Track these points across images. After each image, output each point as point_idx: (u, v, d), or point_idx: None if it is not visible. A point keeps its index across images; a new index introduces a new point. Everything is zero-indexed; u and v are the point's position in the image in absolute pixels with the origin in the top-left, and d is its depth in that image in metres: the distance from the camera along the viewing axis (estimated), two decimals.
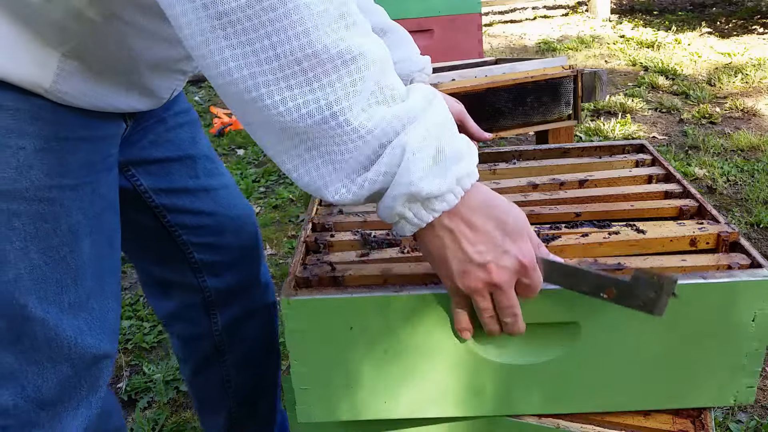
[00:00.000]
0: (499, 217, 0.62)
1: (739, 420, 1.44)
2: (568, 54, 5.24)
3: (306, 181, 0.59)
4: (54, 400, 0.78)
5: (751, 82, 4.04)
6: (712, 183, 2.74)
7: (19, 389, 0.75)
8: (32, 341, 0.74)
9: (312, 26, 0.51)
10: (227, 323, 1.09)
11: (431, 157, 0.56)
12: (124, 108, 0.79)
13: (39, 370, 0.76)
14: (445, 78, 2.08)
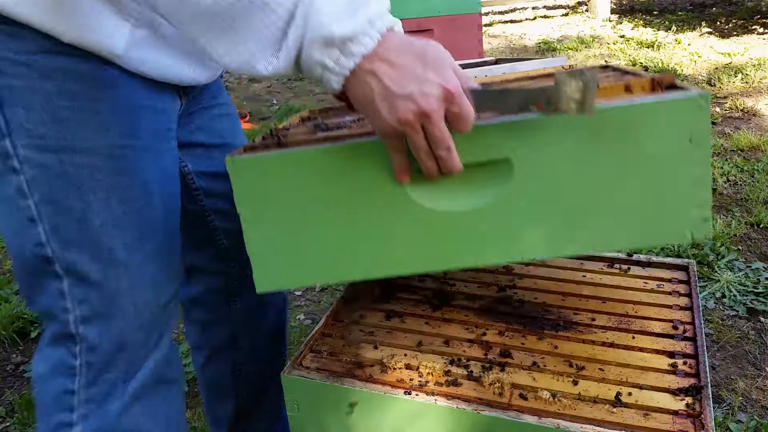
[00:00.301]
0: (417, 51, 0.65)
1: (739, 420, 1.44)
2: (568, 54, 5.24)
3: (238, 62, 0.65)
4: (132, 343, 0.85)
5: (751, 82, 4.04)
6: (712, 183, 2.74)
7: (104, 329, 0.82)
8: (117, 284, 0.82)
9: None
10: (245, 311, 1.14)
11: (341, 2, 0.62)
12: (186, 79, 0.88)
13: (123, 314, 0.83)
14: None
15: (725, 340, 1.73)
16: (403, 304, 1.20)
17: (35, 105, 0.75)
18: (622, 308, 1.13)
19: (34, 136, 0.76)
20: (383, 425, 0.95)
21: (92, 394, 0.83)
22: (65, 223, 0.79)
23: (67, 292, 0.81)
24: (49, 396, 0.84)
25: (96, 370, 0.83)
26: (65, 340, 0.83)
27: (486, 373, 0.96)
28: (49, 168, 0.77)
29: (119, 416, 0.85)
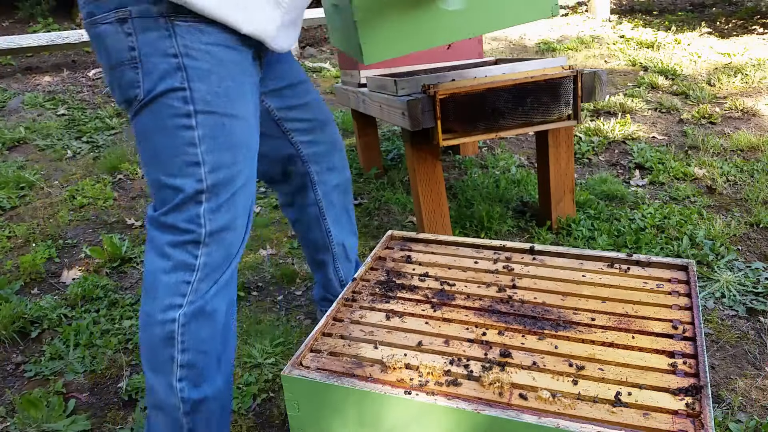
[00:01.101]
0: None
1: (738, 420, 1.44)
2: (568, 54, 5.24)
3: None
4: (234, 252, 1.21)
5: (751, 82, 4.05)
6: (712, 183, 2.74)
7: (221, 241, 1.17)
8: (237, 209, 1.17)
9: None
10: (324, 194, 1.61)
11: None
12: (286, 48, 1.23)
13: (236, 230, 1.19)
14: (445, 78, 2.08)
15: (725, 339, 1.73)
16: (404, 304, 1.20)
17: (212, 81, 1.08)
18: (622, 308, 1.13)
19: (209, 104, 1.08)
20: (383, 425, 0.95)
21: (201, 286, 1.16)
22: (220, 167, 1.12)
23: (204, 213, 1.13)
24: (168, 284, 1.14)
25: (209, 269, 1.16)
26: (191, 246, 1.14)
27: (486, 372, 0.96)
28: (216, 128, 1.10)
29: (214, 298, 1.18)
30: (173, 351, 1.15)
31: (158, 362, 1.16)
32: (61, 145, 3.72)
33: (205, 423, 1.20)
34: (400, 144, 3.66)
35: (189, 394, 1.17)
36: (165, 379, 1.16)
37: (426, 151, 2.13)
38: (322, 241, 1.67)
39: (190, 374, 1.17)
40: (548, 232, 2.37)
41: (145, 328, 1.17)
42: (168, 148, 1.09)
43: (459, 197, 2.75)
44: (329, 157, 1.58)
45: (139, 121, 1.10)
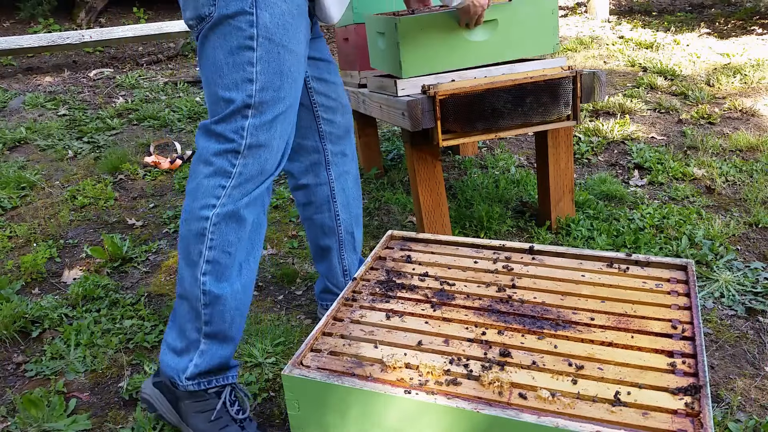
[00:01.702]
0: None
1: (738, 419, 1.44)
2: (567, 55, 5.25)
3: None
4: (268, 168, 1.34)
5: (750, 82, 4.05)
6: (711, 183, 2.75)
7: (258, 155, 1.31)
8: (279, 128, 1.32)
9: None
10: (336, 176, 1.69)
11: None
12: (335, 20, 1.44)
13: (272, 148, 1.32)
14: (444, 78, 2.08)
15: (724, 339, 1.73)
16: (404, 303, 1.21)
17: (275, 13, 1.23)
18: (621, 308, 1.13)
19: (269, 31, 1.24)
20: (383, 424, 0.95)
21: (234, 192, 1.30)
22: (269, 88, 1.27)
23: (248, 127, 1.27)
24: (207, 186, 1.29)
25: (243, 179, 1.30)
26: (231, 155, 1.28)
27: (485, 372, 0.96)
28: (271, 53, 1.25)
29: (244, 208, 1.32)
30: (202, 246, 1.30)
31: (189, 254, 1.32)
32: (62, 146, 3.72)
33: (221, 316, 1.34)
34: (400, 144, 3.67)
35: (210, 287, 1.31)
36: (192, 271, 1.32)
37: (426, 152, 2.13)
38: (329, 224, 1.72)
39: (214, 270, 1.31)
40: (548, 232, 2.38)
41: (184, 223, 1.33)
42: (229, 65, 1.24)
43: (459, 197, 2.75)
44: (344, 142, 1.68)
45: (206, 38, 1.25)
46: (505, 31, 2.09)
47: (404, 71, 2.02)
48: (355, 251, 1.80)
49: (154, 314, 2.07)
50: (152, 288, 2.25)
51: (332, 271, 1.79)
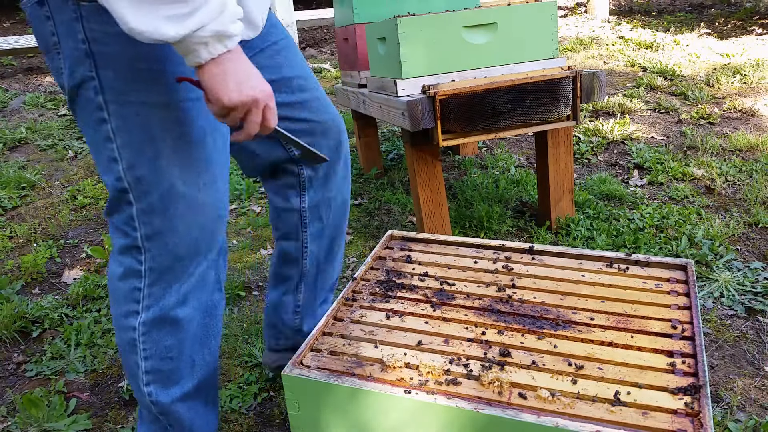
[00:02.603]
0: (251, 64, 0.94)
1: (737, 419, 1.44)
2: (567, 55, 5.25)
3: (149, 30, 0.82)
4: (185, 255, 1.09)
5: (750, 82, 4.05)
6: (711, 183, 2.75)
7: (163, 244, 1.06)
8: (175, 210, 1.04)
9: None
10: (312, 203, 1.42)
11: (233, 12, 0.87)
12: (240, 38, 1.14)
13: (178, 234, 1.06)
14: (444, 78, 2.08)
15: (724, 339, 1.73)
16: (404, 303, 1.21)
17: (121, 67, 0.95)
18: (621, 308, 1.14)
19: (120, 93, 0.97)
20: (383, 424, 0.95)
21: (154, 292, 1.09)
22: (138, 164, 1.01)
23: (136, 215, 1.04)
24: (123, 291, 1.11)
25: (157, 274, 1.08)
26: (134, 251, 1.08)
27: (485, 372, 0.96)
28: (129, 119, 0.98)
29: (175, 308, 1.11)
30: (137, 357, 1.13)
31: (128, 363, 1.16)
32: (62, 146, 3.72)
33: (182, 422, 1.20)
34: (400, 144, 3.67)
35: (157, 397, 1.16)
36: (135, 382, 1.16)
37: (426, 152, 2.13)
38: (294, 254, 1.47)
39: (156, 378, 1.15)
40: (547, 231, 2.38)
41: (115, 330, 1.16)
42: (93, 143, 1.03)
43: (459, 197, 2.75)
44: (329, 163, 1.40)
45: (74, 111, 1.04)
46: (504, 34, 2.10)
47: (404, 72, 2.02)
48: (318, 288, 1.53)
49: None
50: None
51: (281, 305, 1.52)
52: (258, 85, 0.94)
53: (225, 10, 0.85)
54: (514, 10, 2.07)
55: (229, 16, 0.86)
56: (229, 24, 0.86)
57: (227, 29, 0.86)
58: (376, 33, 2.20)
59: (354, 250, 2.46)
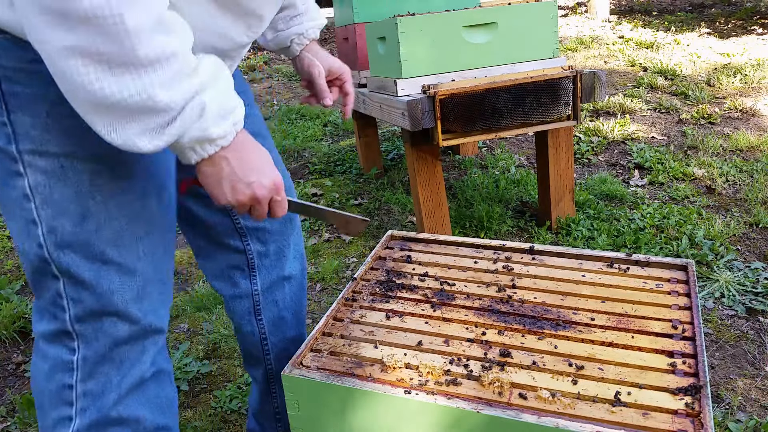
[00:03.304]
0: (255, 149, 0.84)
1: (738, 419, 1.44)
2: (568, 55, 5.24)
3: (119, 142, 0.71)
4: (125, 338, 0.90)
5: (750, 82, 4.05)
6: (711, 183, 2.75)
7: (99, 327, 0.87)
8: (110, 285, 0.86)
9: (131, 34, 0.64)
10: (265, 285, 1.22)
11: (217, 111, 0.75)
12: None
13: (116, 313, 0.88)
14: (444, 78, 2.08)
15: (724, 339, 1.73)
16: (404, 303, 1.20)
17: (40, 112, 0.78)
18: (621, 308, 1.13)
19: (38, 142, 0.79)
20: (383, 424, 0.95)
21: (89, 387, 0.88)
22: (62, 226, 0.82)
23: (64, 292, 0.85)
24: (50, 393, 0.89)
25: (92, 364, 0.88)
26: (63, 337, 0.87)
27: (486, 372, 0.96)
28: (51, 173, 0.80)
29: (115, 407, 0.90)
30: None
31: None
32: None
33: None
34: (400, 144, 3.67)
35: None
36: None
37: (426, 151, 2.13)
38: (255, 352, 1.27)
39: None
40: (548, 231, 2.38)
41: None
42: (5, 203, 0.84)
43: (459, 197, 2.75)
44: (283, 237, 1.21)
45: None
46: (505, 34, 2.09)
47: (404, 71, 2.01)
48: None
49: None
50: None
51: (262, 410, 1.33)
52: (259, 180, 0.83)
53: (204, 111, 0.73)
54: (514, 9, 2.07)
55: (212, 117, 0.74)
56: (213, 126, 0.75)
57: (210, 133, 0.75)
58: (376, 33, 2.20)
59: (354, 250, 2.46)
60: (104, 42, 0.64)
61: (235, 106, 0.79)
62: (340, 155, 3.58)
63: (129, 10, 0.63)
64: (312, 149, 3.75)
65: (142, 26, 0.65)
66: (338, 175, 3.30)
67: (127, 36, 0.64)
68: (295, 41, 1.18)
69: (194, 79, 0.72)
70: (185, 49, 0.71)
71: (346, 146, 3.76)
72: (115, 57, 0.65)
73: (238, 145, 0.80)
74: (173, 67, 0.69)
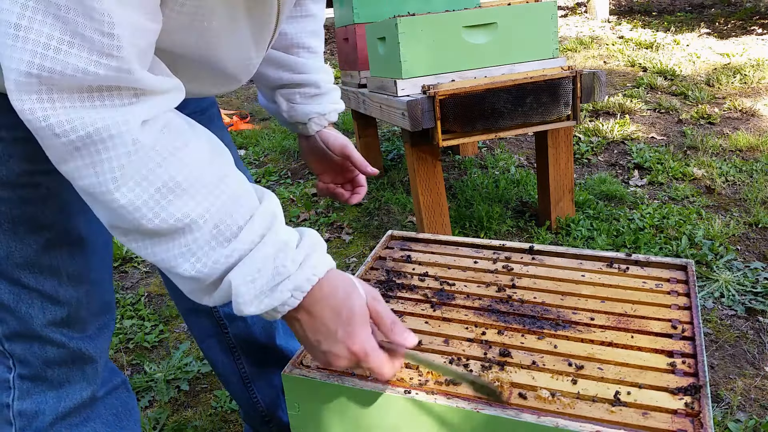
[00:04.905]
0: (335, 307, 0.72)
1: (738, 419, 1.44)
2: (567, 55, 5.24)
3: None
4: (58, 359, 0.86)
5: (750, 82, 4.05)
6: (711, 183, 2.75)
7: (27, 346, 0.84)
8: (28, 309, 0.82)
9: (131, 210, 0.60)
10: (241, 338, 1.21)
11: (258, 287, 0.66)
12: None
13: (38, 335, 0.84)
14: (444, 78, 2.08)
15: (724, 339, 1.73)
16: (403, 303, 1.21)
17: None
18: (621, 308, 1.13)
19: None
20: (383, 424, 0.95)
21: (24, 407, 0.86)
22: None
23: None
24: None
25: (29, 384, 0.85)
26: (1, 356, 0.85)
27: (485, 372, 0.96)
28: None
29: (52, 428, 0.87)
30: None
31: None
32: None
33: None
34: (400, 144, 3.67)
35: None
36: None
37: (426, 152, 2.13)
38: (252, 408, 1.28)
39: None
40: (547, 231, 2.38)
41: None
42: None
43: (459, 197, 2.75)
44: None
45: None
46: (504, 34, 2.10)
47: (404, 71, 2.01)
48: None
49: (154, 314, 2.06)
50: (152, 288, 2.25)
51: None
52: (331, 349, 0.74)
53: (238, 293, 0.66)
54: (514, 9, 2.07)
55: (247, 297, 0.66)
56: (248, 307, 0.67)
57: (246, 312, 0.67)
58: (376, 33, 2.20)
59: (354, 250, 2.46)
60: (117, 218, 0.62)
61: (292, 268, 0.67)
62: None
63: (118, 189, 0.59)
64: None
65: (141, 199, 0.60)
66: None
67: (127, 212, 0.60)
68: (314, 120, 1.11)
69: (229, 248, 0.65)
70: (213, 211, 0.63)
71: None
72: (132, 230, 0.62)
73: (313, 306, 0.71)
74: (196, 236, 0.63)
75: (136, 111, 0.59)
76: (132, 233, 0.63)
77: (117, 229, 0.63)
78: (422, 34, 2.00)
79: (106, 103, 0.57)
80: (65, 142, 0.57)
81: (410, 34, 1.99)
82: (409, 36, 1.99)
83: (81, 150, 0.57)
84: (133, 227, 0.62)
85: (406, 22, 1.97)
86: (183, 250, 0.63)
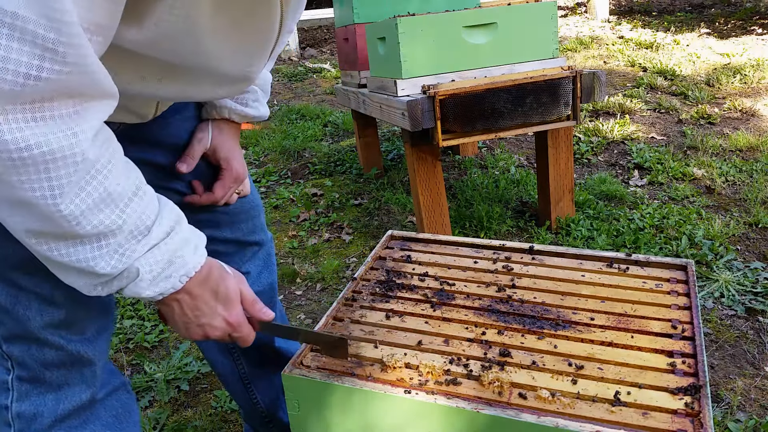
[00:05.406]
0: (212, 287, 0.83)
1: (737, 419, 1.44)
2: (567, 55, 5.25)
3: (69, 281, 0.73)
4: (56, 362, 0.88)
5: (750, 82, 4.05)
6: (711, 183, 2.75)
7: (25, 348, 0.86)
8: (25, 311, 0.84)
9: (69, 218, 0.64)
10: (251, 368, 1.27)
11: (156, 274, 0.75)
12: None
13: (35, 337, 0.86)
14: (444, 78, 2.08)
15: (724, 339, 1.73)
16: (404, 303, 1.21)
17: None
18: (621, 308, 1.13)
19: None
20: (383, 424, 0.95)
21: (22, 409, 0.88)
22: None
23: None
24: None
25: (27, 386, 0.87)
26: (0, 358, 0.87)
27: (485, 372, 0.96)
28: None
29: (50, 430, 0.89)
30: None
31: None
32: None
33: None
34: (400, 144, 3.67)
35: None
36: None
37: (426, 152, 2.13)
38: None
39: None
40: (547, 231, 2.38)
41: None
42: None
43: (459, 197, 2.75)
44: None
45: None
46: (504, 34, 2.10)
47: (404, 71, 2.01)
48: None
49: (154, 314, 2.06)
50: None
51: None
52: (210, 322, 0.84)
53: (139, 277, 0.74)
54: (514, 10, 2.07)
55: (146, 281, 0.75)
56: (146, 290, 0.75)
57: (144, 295, 0.75)
58: (376, 33, 2.20)
59: (354, 250, 2.46)
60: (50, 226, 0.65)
61: (185, 262, 0.78)
62: (340, 155, 3.58)
63: (63, 201, 0.63)
64: (312, 149, 3.75)
65: (80, 210, 0.65)
66: (338, 175, 3.31)
67: (66, 221, 0.65)
68: (216, 110, 1.05)
69: (140, 244, 0.73)
70: (131, 218, 0.71)
71: (346, 146, 3.76)
72: (59, 234, 0.66)
73: (194, 288, 0.81)
74: (117, 239, 0.70)
75: (86, 122, 0.63)
76: (48, 237, 0.66)
77: (38, 234, 0.66)
78: (422, 34, 2.00)
79: (54, 113, 0.60)
80: (15, 158, 0.58)
81: (410, 34, 1.99)
82: (409, 36, 1.99)
83: (29, 166, 0.59)
84: (62, 233, 0.66)
85: (406, 22, 1.97)
86: (103, 252, 0.69)
